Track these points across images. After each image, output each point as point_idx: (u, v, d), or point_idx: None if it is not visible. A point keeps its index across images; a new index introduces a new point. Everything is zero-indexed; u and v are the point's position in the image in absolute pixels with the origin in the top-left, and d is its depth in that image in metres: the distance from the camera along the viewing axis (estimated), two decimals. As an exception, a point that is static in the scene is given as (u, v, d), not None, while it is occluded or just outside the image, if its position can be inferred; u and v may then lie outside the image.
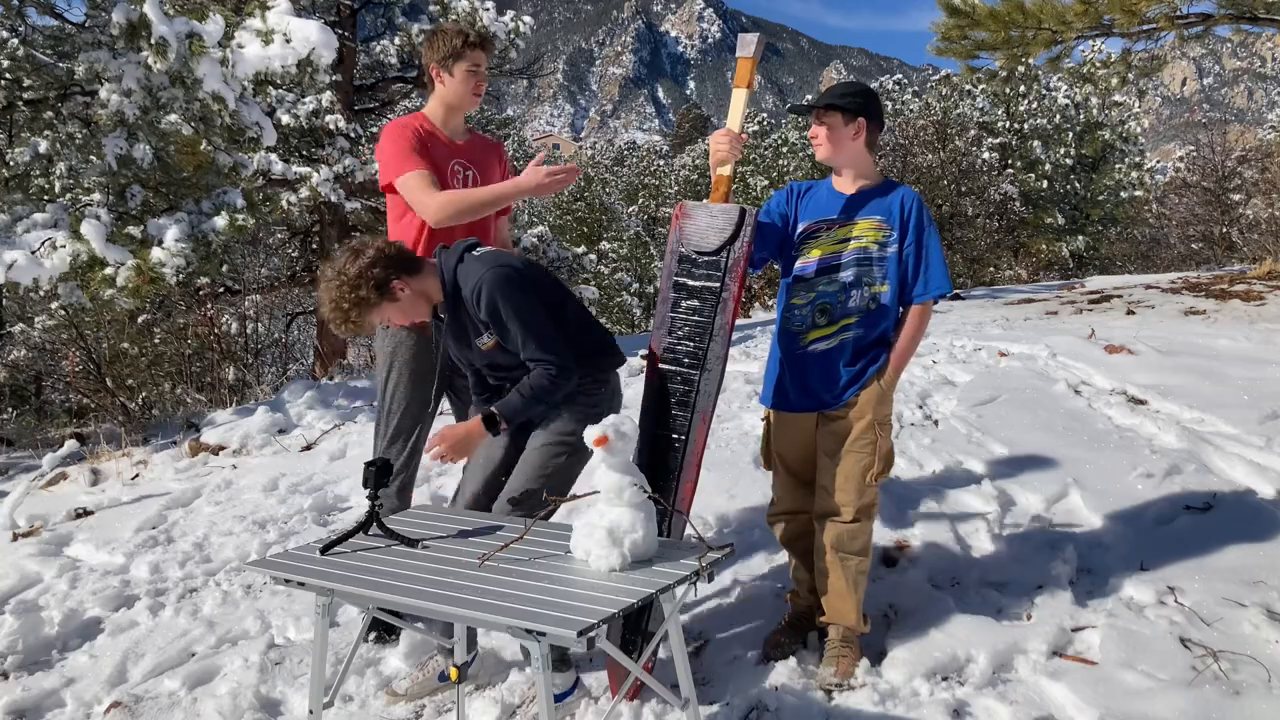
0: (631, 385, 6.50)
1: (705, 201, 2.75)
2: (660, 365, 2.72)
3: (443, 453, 2.59)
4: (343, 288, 2.46)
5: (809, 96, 28.38)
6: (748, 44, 2.78)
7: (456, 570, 2.03)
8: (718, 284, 2.67)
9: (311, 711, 2.21)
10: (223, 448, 5.63)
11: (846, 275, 2.74)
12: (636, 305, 21.31)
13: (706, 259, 2.69)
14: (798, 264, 2.82)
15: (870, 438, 2.75)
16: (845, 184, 2.82)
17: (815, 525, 2.84)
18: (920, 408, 5.39)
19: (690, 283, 2.71)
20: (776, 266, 2.94)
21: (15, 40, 6.69)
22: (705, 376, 2.67)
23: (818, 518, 2.82)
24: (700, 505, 3.92)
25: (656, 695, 2.51)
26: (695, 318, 2.70)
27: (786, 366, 2.83)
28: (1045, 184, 20.55)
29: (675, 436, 2.68)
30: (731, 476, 4.26)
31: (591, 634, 1.71)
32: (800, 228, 2.83)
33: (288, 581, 2.07)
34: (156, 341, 9.62)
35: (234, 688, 2.86)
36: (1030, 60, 9.43)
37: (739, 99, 2.76)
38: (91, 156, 6.61)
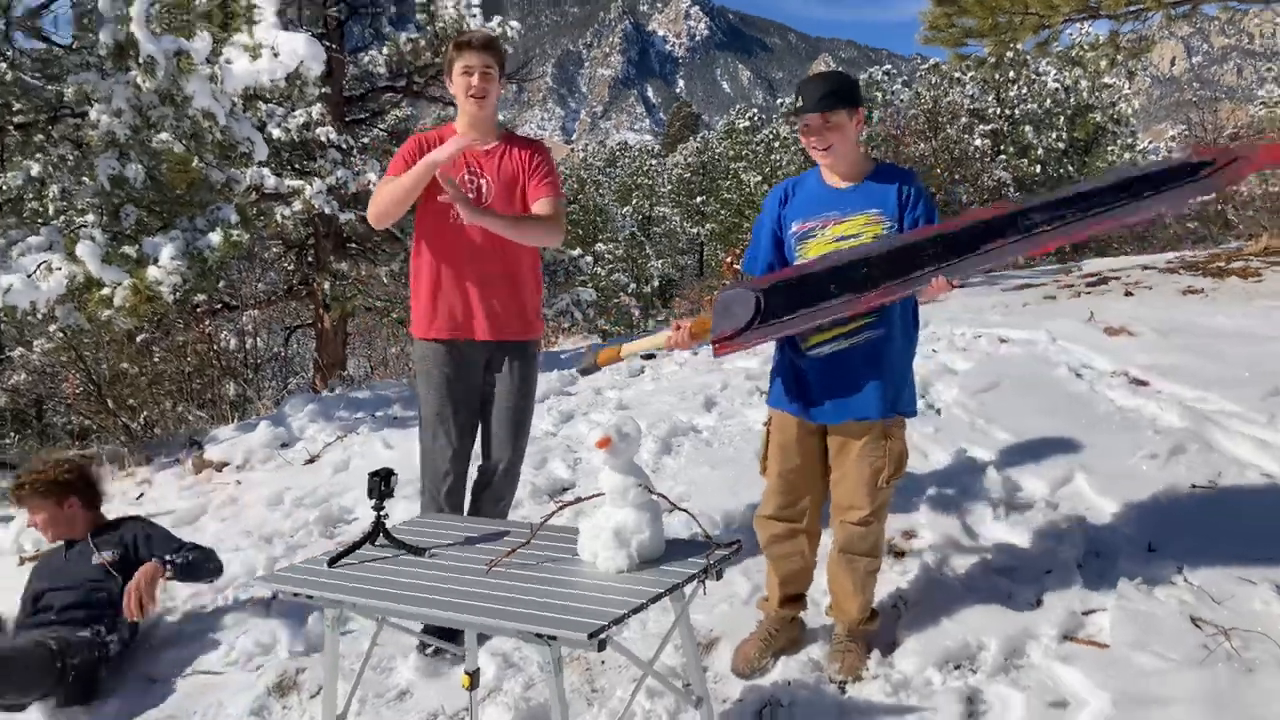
0: (631, 386, 6.50)
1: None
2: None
3: None
4: None
5: (785, 103, 26.84)
6: (586, 358, 2.86)
7: (465, 577, 2.03)
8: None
9: (325, 724, 2.21)
10: (226, 464, 5.63)
11: None
12: (634, 306, 21.29)
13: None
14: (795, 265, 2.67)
15: (881, 440, 2.64)
16: (835, 177, 2.66)
17: (833, 525, 2.78)
18: (922, 397, 5.38)
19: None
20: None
21: (3, 64, 6.67)
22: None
23: (832, 515, 2.78)
24: (705, 503, 3.92)
25: (670, 693, 2.51)
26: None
27: (791, 373, 2.70)
28: (1038, 168, 20.52)
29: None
30: (735, 473, 4.26)
31: (602, 636, 1.71)
32: (793, 228, 2.67)
33: (296, 595, 2.07)
34: (156, 360, 9.60)
35: (246, 705, 2.86)
36: (1018, 45, 9.42)
37: (638, 345, 2.80)
38: (84, 178, 6.59)
